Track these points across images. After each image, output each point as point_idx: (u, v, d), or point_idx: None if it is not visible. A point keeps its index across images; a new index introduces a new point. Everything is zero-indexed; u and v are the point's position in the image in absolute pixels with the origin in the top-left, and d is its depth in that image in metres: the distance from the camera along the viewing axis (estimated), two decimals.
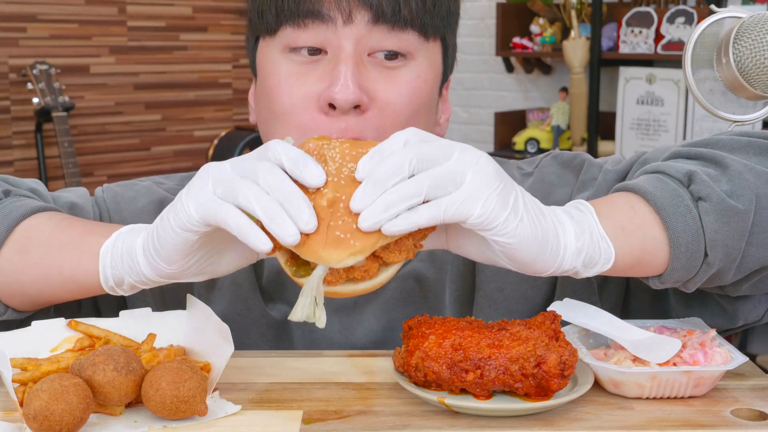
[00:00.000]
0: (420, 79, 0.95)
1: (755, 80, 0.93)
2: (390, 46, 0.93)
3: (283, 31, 0.94)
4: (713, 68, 0.96)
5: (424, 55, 0.96)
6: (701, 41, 0.96)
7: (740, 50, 0.92)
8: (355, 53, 0.92)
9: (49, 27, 3.27)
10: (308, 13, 0.92)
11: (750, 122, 0.98)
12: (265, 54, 0.97)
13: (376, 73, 0.93)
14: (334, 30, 0.92)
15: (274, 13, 0.94)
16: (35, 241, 0.91)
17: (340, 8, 0.91)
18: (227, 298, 1.05)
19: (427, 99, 0.97)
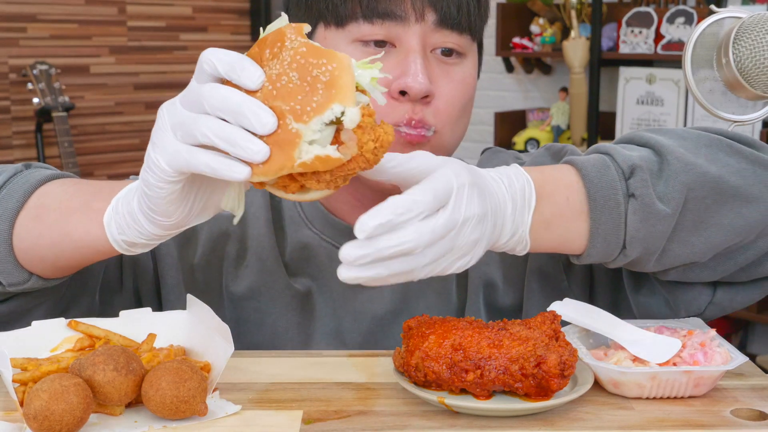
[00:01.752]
0: (470, 76, 1.06)
1: (755, 80, 0.93)
2: (450, 44, 1.03)
3: (355, 24, 1.01)
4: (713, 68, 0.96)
5: (471, 55, 1.07)
6: (701, 41, 0.96)
7: (740, 50, 0.92)
8: (422, 48, 1.01)
9: (49, 27, 3.27)
10: (385, 13, 1.00)
11: (750, 122, 0.98)
12: (330, 43, 1.03)
13: (437, 68, 1.03)
14: (406, 27, 1.00)
15: (350, 9, 1.01)
16: (47, 207, 0.94)
17: (414, 8, 1.00)
18: (254, 273, 1.11)
19: (473, 93, 1.09)
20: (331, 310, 1.11)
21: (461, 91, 1.05)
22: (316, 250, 1.12)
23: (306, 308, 1.12)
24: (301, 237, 1.12)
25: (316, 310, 1.11)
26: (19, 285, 0.96)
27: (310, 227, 1.13)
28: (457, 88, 1.04)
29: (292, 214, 1.14)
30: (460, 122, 1.07)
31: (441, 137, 1.04)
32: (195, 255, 1.12)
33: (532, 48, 3.74)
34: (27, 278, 0.96)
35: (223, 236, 1.12)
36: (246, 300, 1.12)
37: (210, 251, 1.12)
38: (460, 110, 1.05)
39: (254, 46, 0.78)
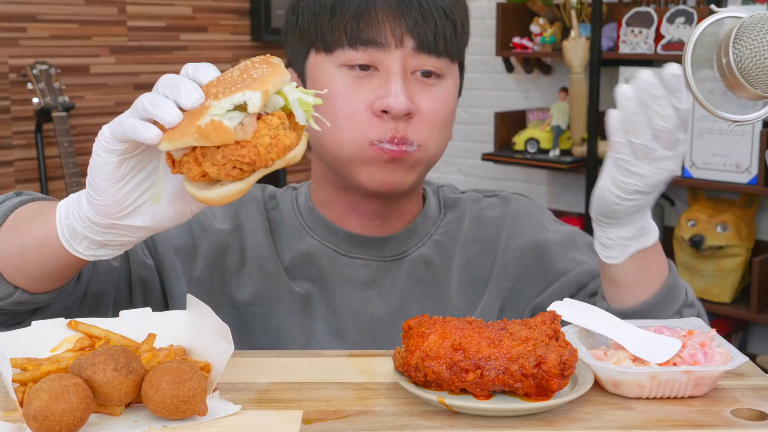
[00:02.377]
0: (450, 94, 1.15)
1: (755, 80, 0.93)
2: (429, 67, 1.12)
3: (341, 50, 1.10)
4: (713, 68, 0.96)
5: (451, 75, 1.15)
6: (701, 41, 0.96)
7: (740, 50, 0.92)
8: (402, 71, 1.10)
9: (49, 27, 3.27)
10: (368, 40, 1.09)
11: (750, 122, 0.98)
12: (319, 67, 1.13)
13: (418, 88, 1.12)
14: (387, 53, 1.10)
15: (336, 37, 1.10)
16: (20, 218, 0.98)
17: (394, 35, 1.09)
18: (256, 280, 1.18)
19: (453, 111, 1.17)
20: (332, 311, 1.17)
21: (441, 108, 1.13)
22: (318, 256, 1.19)
23: (307, 309, 1.17)
24: (303, 244, 1.20)
25: (316, 310, 1.17)
26: (6, 299, 0.98)
27: (311, 235, 1.20)
28: (437, 105, 1.12)
29: (294, 224, 1.21)
30: (441, 136, 1.14)
31: (423, 151, 1.12)
32: (197, 268, 1.18)
33: (532, 48, 3.74)
34: (12, 291, 0.98)
35: (223, 249, 1.19)
36: (250, 306, 1.17)
37: (212, 263, 1.18)
38: (441, 126, 1.13)
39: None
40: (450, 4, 1.11)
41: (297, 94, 0.82)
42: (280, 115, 0.81)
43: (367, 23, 1.09)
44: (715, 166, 3.28)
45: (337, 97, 1.11)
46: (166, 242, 1.17)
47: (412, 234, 1.21)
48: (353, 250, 1.19)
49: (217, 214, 1.21)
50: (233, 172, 0.80)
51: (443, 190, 1.29)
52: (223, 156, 0.79)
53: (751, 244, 3.31)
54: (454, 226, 1.24)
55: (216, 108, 0.78)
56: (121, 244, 0.90)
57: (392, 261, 1.20)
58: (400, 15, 1.09)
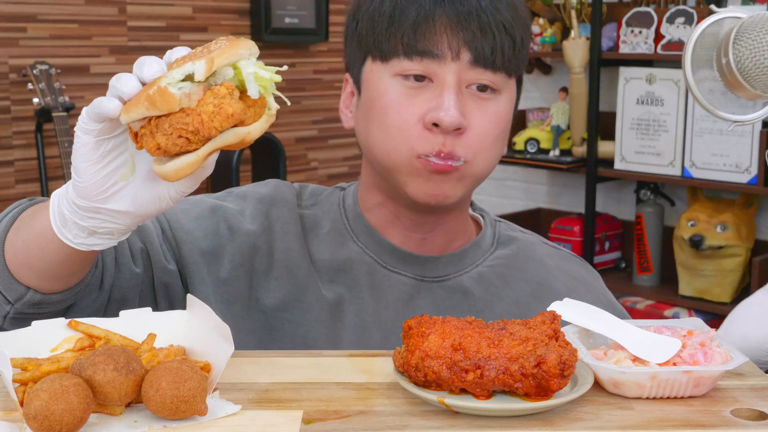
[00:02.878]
0: (504, 110, 1.13)
1: (755, 80, 0.93)
2: (485, 81, 1.10)
3: (397, 60, 1.10)
4: (713, 68, 0.96)
5: (507, 91, 1.14)
6: (701, 41, 0.96)
7: (740, 50, 0.92)
8: (457, 84, 1.09)
9: (49, 27, 3.26)
10: (424, 51, 1.09)
11: (750, 122, 0.98)
12: (375, 74, 1.13)
13: (471, 102, 1.10)
14: (442, 64, 1.09)
15: (392, 46, 1.10)
16: (25, 216, 1.00)
17: (451, 48, 1.08)
18: (285, 285, 1.16)
19: (506, 127, 1.15)
20: (360, 321, 1.16)
21: (493, 124, 1.11)
22: (358, 264, 1.18)
23: (336, 317, 1.16)
24: (345, 250, 1.19)
25: (345, 318, 1.16)
26: (21, 300, 0.99)
27: (355, 241, 1.19)
28: (489, 121, 1.11)
29: (338, 227, 1.20)
30: (492, 152, 1.13)
31: (470, 167, 1.11)
32: (223, 269, 1.16)
33: (532, 48, 3.73)
34: (24, 291, 0.99)
35: (251, 251, 1.17)
36: (278, 311, 1.16)
37: (239, 265, 1.17)
38: (492, 142, 1.12)
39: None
40: (510, 19, 1.10)
41: (252, 69, 0.82)
42: (229, 86, 0.80)
43: (424, 34, 1.08)
44: (715, 166, 3.28)
45: (389, 108, 1.10)
46: (190, 245, 1.16)
47: (458, 259, 1.20)
48: (394, 264, 1.18)
49: (246, 214, 1.20)
50: (179, 141, 0.80)
51: (500, 226, 1.27)
52: (170, 125, 0.80)
53: (750, 244, 3.31)
54: (503, 263, 1.22)
55: (168, 78, 0.79)
56: (108, 231, 0.90)
57: (431, 282, 1.18)
58: (459, 27, 1.08)
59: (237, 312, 1.16)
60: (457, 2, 1.08)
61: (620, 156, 3.51)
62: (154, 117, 0.81)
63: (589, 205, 3.55)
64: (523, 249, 1.24)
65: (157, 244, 1.14)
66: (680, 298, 3.40)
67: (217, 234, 1.18)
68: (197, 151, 0.81)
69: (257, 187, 1.24)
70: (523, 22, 1.14)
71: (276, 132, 3.80)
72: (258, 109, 0.83)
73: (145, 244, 1.14)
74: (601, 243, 3.69)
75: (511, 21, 1.10)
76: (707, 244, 3.24)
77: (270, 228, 1.19)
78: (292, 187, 1.25)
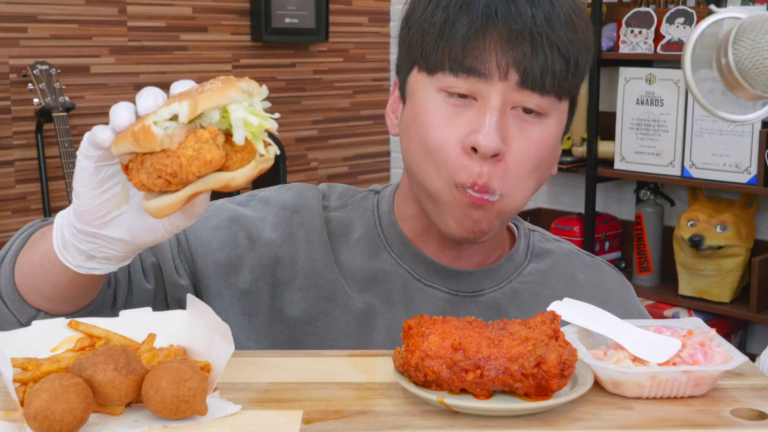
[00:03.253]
0: (549, 135, 1.07)
1: (755, 80, 0.93)
2: (531, 105, 1.05)
3: (443, 75, 1.05)
4: (713, 68, 0.96)
5: (556, 114, 1.08)
6: (701, 41, 0.96)
7: (739, 51, 0.92)
8: (501, 106, 1.03)
9: (50, 27, 3.27)
10: (470, 69, 1.03)
11: (750, 122, 0.98)
12: (420, 86, 1.08)
13: (514, 125, 1.05)
14: (489, 84, 1.03)
15: (439, 60, 1.05)
16: (34, 238, 1.00)
17: (499, 67, 1.03)
18: (310, 298, 1.13)
19: (550, 152, 1.09)
20: (390, 335, 1.13)
21: (535, 150, 1.06)
22: (392, 276, 1.15)
23: (363, 330, 1.13)
24: (378, 261, 1.15)
25: (374, 330, 1.13)
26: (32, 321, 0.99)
27: (389, 251, 1.16)
28: (530, 147, 1.05)
29: (371, 235, 1.17)
30: (529, 181, 1.08)
31: (507, 200, 1.06)
32: (243, 280, 1.14)
33: None
34: (34, 313, 0.99)
35: (272, 261, 1.14)
36: (303, 324, 1.13)
37: (260, 276, 1.14)
38: (530, 169, 1.07)
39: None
40: (566, 39, 1.04)
41: (241, 114, 0.80)
42: (212, 130, 0.79)
43: (472, 50, 1.03)
44: (714, 166, 3.28)
45: (430, 125, 1.06)
46: (205, 257, 1.14)
47: (492, 274, 1.17)
48: (428, 277, 1.15)
49: (268, 221, 1.17)
50: (159, 181, 0.79)
51: (534, 236, 1.23)
52: (151, 164, 0.79)
53: (750, 244, 3.31)
54: (536, 279, 1.19)
55: (156, 116, 0.78)
56: (106, 257, 0.91)
57: (465, 297, 1.16)
58: (509, 46, 1.02)
59: (260, 324, 1.13)
60: (510, 20, 1.02)
61: (620, 156, 3.51)
62: (141, 153, 0.80)
63: (589, 205, 3.55)
64: (556, 264, 1.21)
65: (170, 259, 1.12)
66: (680, 298, 3.40)
67: (235, 244, 1.15)
68: (178, 192, 0.80)
69: (281, 192, 1.21)
70: (583, 42, 1.07)
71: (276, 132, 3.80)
72: (246, 155, 0.81)
73: (157, 258, 1.12)
74: (601, 243, 3.69)
75: (567, 41, 1.04)
76: (707, 244, 3.24)
77: (292, 236, 1.16)
78: (317, 191, 1.21)
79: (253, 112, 0.81)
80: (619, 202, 3.85)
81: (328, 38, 3.97)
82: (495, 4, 1.03)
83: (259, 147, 0.82)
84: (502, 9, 1.02)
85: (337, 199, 1.21)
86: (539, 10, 1.03)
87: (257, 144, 0.82)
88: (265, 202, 1.20)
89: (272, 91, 4.02)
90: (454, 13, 1.04)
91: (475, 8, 1.03)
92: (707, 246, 3.24)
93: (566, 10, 1.05)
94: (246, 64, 3.77)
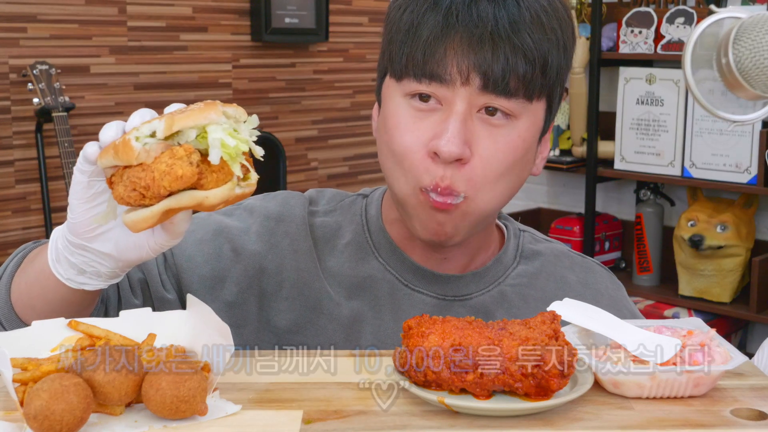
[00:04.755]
0: (520, 138, 1.05)
1: (755, 80, 0.93)
2: (497, 107, 1.03)
3: (408, 81, 1.05)
4: (713, 68, 0.96)
5: (527, 115, 1.05)
6: (701, 41, 0.96)
7: (740, 50, 0.92)
8: (465, 110, 1.02)
9: (49, 27, 3.26)
10: (433, 75, 1.03)
11: (750, 122, 0.98)
12: (390, 92, 1.09)
13: (481, 129, 1.03)
14: (452, 90, 1.03)
15: (404, 65, 1.05)
16: (29, 257, 1.02)
17: (460, 72, 1.02)
18: (297, 307, 1.13)
19: (522, 153, 1.06)
20: (377, 342, 1.13)
21: (503, 153, 1.04)
22: (380, 282, 1.15)
23: (351, 337, 1.13)
24: (366, 267, 1.15)
25: (362, 337, 1.13)
26: None
27: (377, 257, 1.16)
28: (498, 150, 1.04)
29: (359, 240, 1.16)
30: (499, 185, 1.06)
31: (472, 203, 1.05)
32: (229, 293, 1.14)
33: None
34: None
35: (257, 273, 1.14)
36: (291, 334, 1.13)
37: (246, 288, 1.14)
38: (500, 172, 1.05)
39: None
40: (531, 42, 1.01)
41: (218, 135, 0.82)
42: (188, 148, 0.81)
43: (433, 56, 1.02)
44: (714, 166, 3.28)
45: (396, 129, 1.06)
46: (190, 272, 1.14)
47: (479, 278, 1.16)
48: (416, 282, 1.15)
49: (252, 231, 1.16)
50: (133, 194, 0.82)
51: (524, 237, 1.22)
52: (127, 176, 0.82)
53: (750, 244, 3.32)
54: (524, 282, 1.18)
55: (138, 131, 0.82)
56: (96, 272, 0.92)
57: (453, 301, 1.15)
58: (470, 50, 1.01)
59: (248, 336, 1.14)
60: (471, 24, 1.01)
61: (620, 156, 3.51)
62: (122, 166, 0.83)
63: (589, 205, 3.55)
64: (546, 265, 1.20)
65: (156, 274, 1.13)
66: (680, 298, 3.40)
67: (220, 257, 1.15)
68: (152, 207, 0.83)
69: (266, 201, 1.21)
70: (554, 42, 1.04)
71: (276, 132, 3.80)
72: (223, 176, 0.83)
73: (144, 273, 1.13)
74: (601, 243, 3.69)
75: (532, 43, 1.01)
76: (707, 244, 3.24)
77: (277, 246, 1.16)
78: (302, 198, 1.21)
79: (232, 134, 0.83)
80: (619, 202, 3.85)
81: (328, 38, 3.97)
82: (457, 9, 1.02)
83: (235, 169, 0.84)
84: (463, 13, 1.01)
85: (326, 204, 1.21)
86: (503, 13, 1.01)
87: (233, 166, 0.83)
88: (250, 212, 1.19)
89: (272, 91, 4.02)
90: (419, 17, 1.04)
91: (438, 12, 1.03)
92: (707, 246, 3.24)
93: (534, 11, 1.03)
94: (246, 64, 3.77)
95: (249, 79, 3.79)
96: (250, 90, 3.80)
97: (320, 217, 1.19)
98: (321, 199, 1.22)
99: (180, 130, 0.82)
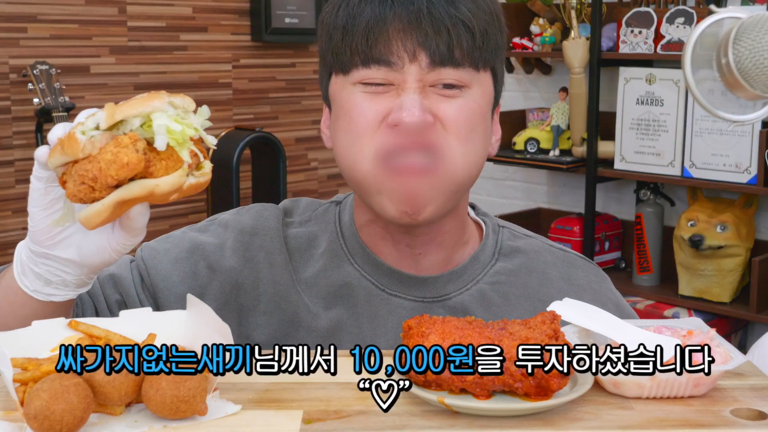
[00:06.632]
0: (476, 103, 1.07)
1: (755, 80, 0.93)
2: (447, 80, 1.05)
3: (357, 70, 1.06)
4: (713, 68, 0.96)
5: (477, 84, 1.07)
6: (701, 41, 0.96)
7: (740, 51, 0.92)
8: (419, 85, 1.04)
9: (50, 27, 3.26)
10: (380, 59, 1.04)
11: (750, 122, 0.98)
12: (339, 87, 1.09)
13: (437, 100, 1.05)
14: (401, 71, 1.04)
15: (349, 57, 1.06)
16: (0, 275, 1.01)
17: (407, 51, 1.04)
18: (275, 322, 1.12)
19: (481, 119, 1.08)
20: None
21: (465, 114, 1.05)
22: (356, 289, 1.14)
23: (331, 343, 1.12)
24: (342, 274, 1.14)
25: (342, 345, 1.11)
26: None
27: (352, 263, 1.14)
28: (460, 113, 1.05)
29: (334, 248, 1.15)
30: (465, 149, 1.06)
31: (445, 163, 1.04)
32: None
33: (532, 48, 3.73)
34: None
35: (234, 289, 1.14)
36: (269, 348, 1.13)
37: (224, 304, 1.13)
38: (466, 135, 1.05)
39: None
40: (468, 12, 1.04)
41: (163, 121, 0.82)
42: (132, 136, 0.81)
43: (377, 40, 1.04)
44: (714, 166, 3.28)
45: (352, 110, 1.06)
46: (167, 291, 1.13)
47: (456, 277, 1.15)
48: (392, 286, 1.14)
49: (227, 247, 1.16)
50: (83, 188, 0.82)
51: (503, 233, 1.21)
52: (75, 170, 0.82)
53: (750, 244, 3.31)
54: (503, 280, 1.16)
55: (83, 126, 0.81)
56: (62, 282, 0.92)
57: (431, 302, 1.14)
58: (411, 29, 1.03)
59: None
60: (408, 3, 1.04)
61: (620, 156, 3.51)
62: (71, 163, 0.83)
63: (589, 205, 3.55)
64: (526, 262, 1.18)
65: (134, 295, 1.13)
66: (680, 298, 3.40)
67: (196, 275, 1.14)
68: (103, 200, 0.82)
69: (239, 216, 1.20)
70: (489, 15, 1.07)
71: (276, 132, 3.80)
72: (172, 163, 0.83)
73: (122, 295, 1.13)
74: (601, 243, 3.69)
75: (469, 14, 1.04)
76: (707, 244, 3.24)
77: (253, 260, 1.15)
78: (276, 210, 1.20)
79: (178, 120, 0.83)
80: (619, 202, 3.85)
81: None
82: None
83: (184, 154, 0.83)
84: None
85: (301, 214, 1.20)
86: None
87: (181, 152, 0.83)
88: (224, 227, 1.19)
89: (272, 91, 4.02)
90: (354, 9, 1.06)
91: (373, 1, 1.05)
92: (707, 246, 3.24)
93: None
94: (246, 64, 3.77)
95: (249, 79, 3.79)
96: (250, 90, 3.80)
97: (295, 228, 1.18)
98: (296, 209, 1.21)
99: (124, 120, 0.82)
